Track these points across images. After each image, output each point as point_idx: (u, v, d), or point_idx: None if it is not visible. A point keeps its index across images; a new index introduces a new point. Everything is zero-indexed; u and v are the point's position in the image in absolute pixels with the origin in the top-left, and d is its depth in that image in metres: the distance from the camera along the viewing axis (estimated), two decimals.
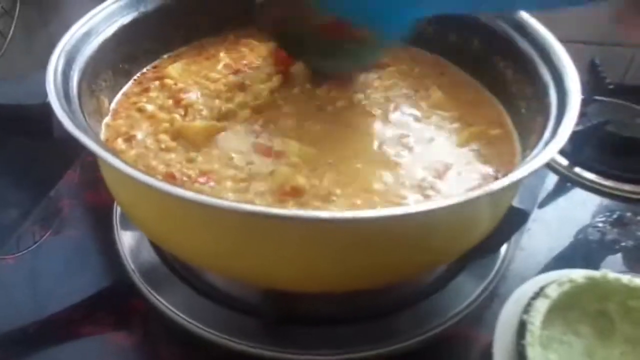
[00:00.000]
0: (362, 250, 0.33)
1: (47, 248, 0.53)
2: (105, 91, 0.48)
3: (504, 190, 0.33)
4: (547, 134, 0.40)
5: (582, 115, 0.66)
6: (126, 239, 0.52)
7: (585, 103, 0.70)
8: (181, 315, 0.45)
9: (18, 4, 0.74)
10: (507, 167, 0.45)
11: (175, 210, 0.34)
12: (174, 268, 0.48)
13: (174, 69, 0.52)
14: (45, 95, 0.40)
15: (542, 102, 0.43)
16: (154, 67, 0.54)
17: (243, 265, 0.36)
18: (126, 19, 0.51)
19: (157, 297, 0.46)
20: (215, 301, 0.46)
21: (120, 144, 0.46)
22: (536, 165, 0.34)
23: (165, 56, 0.56)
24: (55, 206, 0.57)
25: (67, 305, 0.48)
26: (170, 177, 0.41)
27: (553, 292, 0.40)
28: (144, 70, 0.54)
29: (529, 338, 0.37)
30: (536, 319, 0.38)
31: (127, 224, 0.53)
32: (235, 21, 0.59)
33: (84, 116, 0.40)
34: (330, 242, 0.33)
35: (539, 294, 0.40)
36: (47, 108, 0.39)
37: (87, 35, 0.46)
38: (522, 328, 0.38)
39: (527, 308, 0.39)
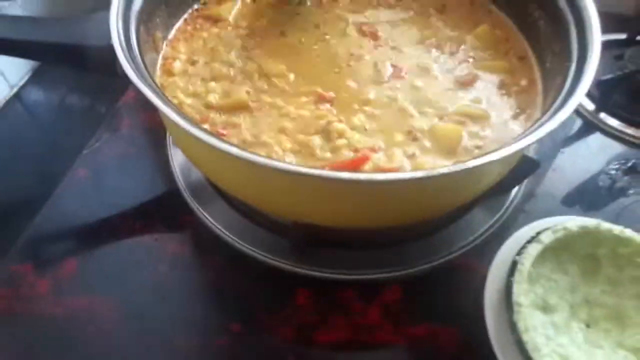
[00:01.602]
0: (391, 202, 0.39)
1: (108, 161, 0.61)
2: (160, 27, 0.53)
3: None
4: (567, 85, 0.43)
5: (619, 58, 0.66)
6: (177, 158, 0.59)
7: (626, 43, 0.69)
8: (224, 231, 0.52)
9: None
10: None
11: (221, 159, 0.40)
12: (219, 189, 0.55)
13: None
14: (108, 36, 0.46)
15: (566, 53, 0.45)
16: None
17: (279, 205, 0.43)
18: None
19: (204, 213, 0.54)
20: (254, 221, 0.53)
21: (177, 66, 0.52)
22: (554, 125, 0.38)
23: None
24: (117, 124, 0.65)
25: (127, 209, 0.57)
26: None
27: (547, 238, 0.45)
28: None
29: (517, 276, 0.43)
30: (527, 261, 0.44)
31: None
32: None
33: (142, 58, 0.45)
34: (359, 196, 0.39)
35: (534, 238, 0.45)
36: (111, 50, 0.44)
37: None
38: (513, 267, 0.44)
39: (521, 250, 0.45)
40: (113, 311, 0.49)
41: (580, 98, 0.39)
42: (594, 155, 0.61)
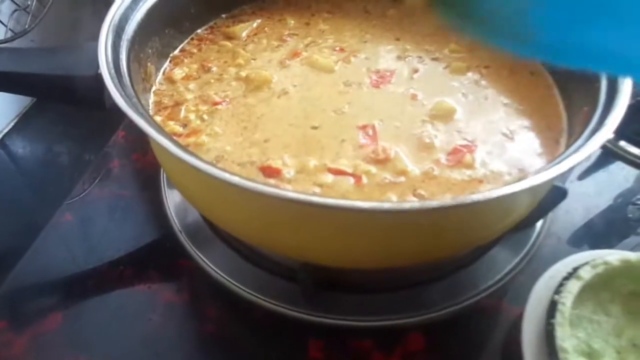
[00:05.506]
0: (403, 237, 0.35)
1: (96, 205, 0.57)
2: (152, 58, 0.49)
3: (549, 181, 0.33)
4: (594, 121, 0.39)
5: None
6: (172, 199, 0.54)
7: None
8: (224, 276, 0.47)
9: None
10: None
11: (221, 191, 0.36)
12: (218, 231, 0.51)
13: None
14: (96, 65, 0.42)
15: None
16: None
17: (283, 243, 0.38)
18: None
19: (202, 257, 0.49)
20: (257, 265, 0.48)
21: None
22: (586, 154, 0.34)
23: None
24: (106, 166, 0.60)
25: (117, 256, 0.52)
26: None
27: (586, 274, 0.40)
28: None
29: (558, 318, 0.38)
30: (567, 300, 0.39)
31: (173, 185, 0.55)
32: None
33: (132, 87, 0.41)
34: (373, 229, 0.34)
35: (571, 274, 0.41)
36: (99, 80, 0.41)
37: (134, 3, 0.47)
38: (552, 307, 0.39)
39: (559, 288, 0.40)
40: None
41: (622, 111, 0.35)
42: (617, 184, 0.57)
